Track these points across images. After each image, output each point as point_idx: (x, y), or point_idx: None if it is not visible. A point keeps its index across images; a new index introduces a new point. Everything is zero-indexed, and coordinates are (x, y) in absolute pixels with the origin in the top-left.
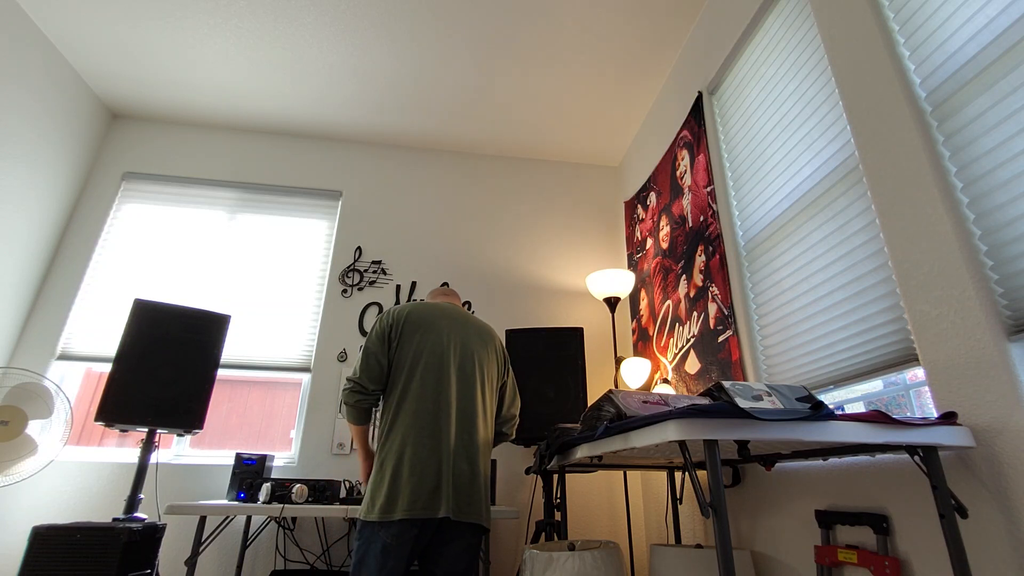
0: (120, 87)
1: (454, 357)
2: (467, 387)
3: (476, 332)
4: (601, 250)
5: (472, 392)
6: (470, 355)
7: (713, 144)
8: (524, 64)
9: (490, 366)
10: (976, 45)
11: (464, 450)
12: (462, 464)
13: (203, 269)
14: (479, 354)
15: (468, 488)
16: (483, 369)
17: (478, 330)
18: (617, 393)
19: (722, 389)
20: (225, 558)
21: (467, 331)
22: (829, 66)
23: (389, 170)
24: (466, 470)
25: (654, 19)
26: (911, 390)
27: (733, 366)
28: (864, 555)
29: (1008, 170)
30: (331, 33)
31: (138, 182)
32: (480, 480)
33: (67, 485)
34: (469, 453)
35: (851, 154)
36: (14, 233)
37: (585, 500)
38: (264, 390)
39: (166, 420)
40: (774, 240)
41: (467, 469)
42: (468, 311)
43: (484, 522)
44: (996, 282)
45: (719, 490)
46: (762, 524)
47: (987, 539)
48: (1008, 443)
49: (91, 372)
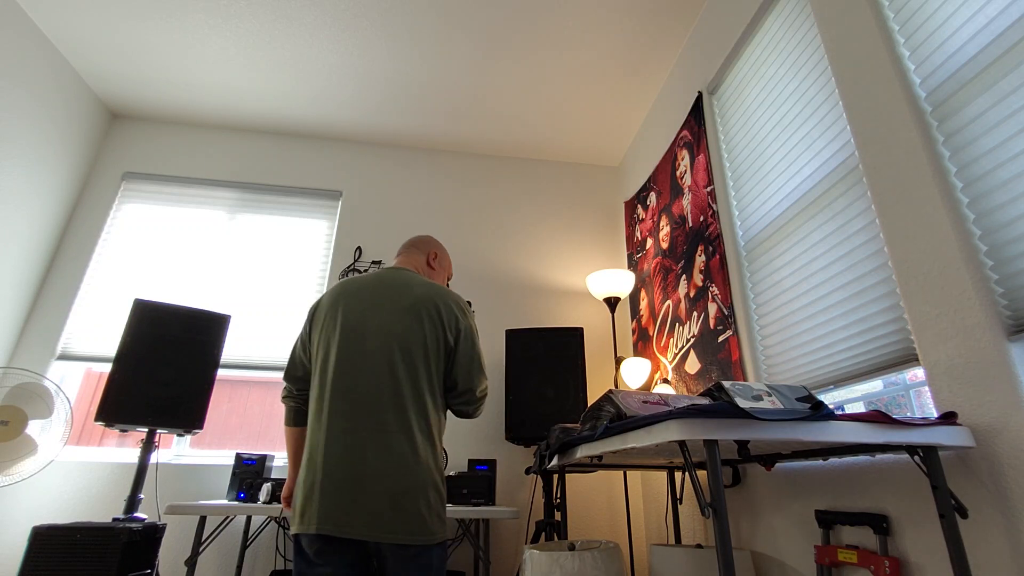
0: (120, 87)
1: (359, 338)
2: (370, 371)
3: (401, 300)
4: (601, 250)
5: (378, 375)
6: (382, 331)
7: (713, 144)
8: (524, 64)
9: (414, 336)
10: (976, 45)
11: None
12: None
13: (203, 269)
14: (397, 327)
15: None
16: (402, 343)
17: (410, 298)
18: (617, 393)
19: (722, 389)
20: (225, 558)
21: (386, 301)
22: (829, 66)
23: (389, 170)
24: (348, 472)
25: (654, 19)
26: (911, 390)
27: (733, 366)
28: (864, 555)
29: (1008, 170)
30: (331, 33)
31: (138, 182)
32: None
33: (67, 485)
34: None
35: (851, 154)
36: (14, 233)
37: (585, 500)
38: (264, 390)
39: (166, 420)
40: (774, 240)
41: (349, 471)
42: (410, 273)
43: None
44: (996, 282)
45: (719, 490)
46: (762, 524)
47: (987, 539)
48: (1008, 443)
49: (91, 372)
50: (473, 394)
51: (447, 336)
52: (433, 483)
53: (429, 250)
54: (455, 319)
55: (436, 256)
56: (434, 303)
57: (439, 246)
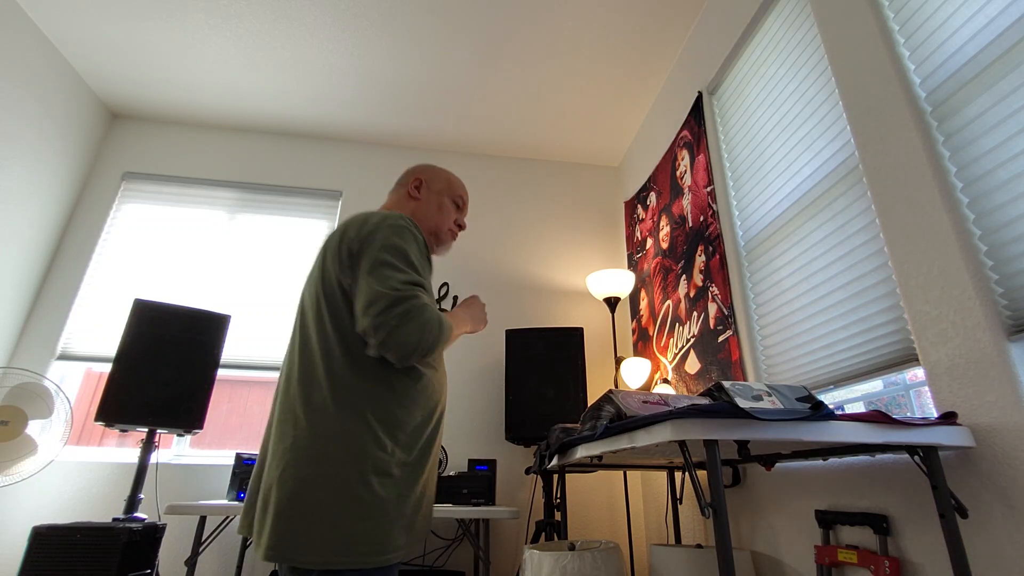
0: (120, 87)
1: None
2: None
3: (330, 245)
4: (601, 250)
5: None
6: (310, 285)
7: (713, 144)
8: (524, 64)
9: (323, 280)
10: (976, 45)
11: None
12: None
13: (203, 269)
14: (316, 275)
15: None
16: (317, 291)
17: (336, 240)
18: (617, 393)
19: (722, 389)
20: (225, 558)
21: (322, 255)
22: (829, 66)
23: (389, 170)
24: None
25: (654, 19)
26: (911, 390)
27: (733, 366)
28: (864, 555)
29: (1008, 170)
30: (331, 33)
31: (138, 182)
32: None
33: (67, 485)
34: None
35: (851, 154)
36: (14, 233)
37: (585, 500)
38: (264, 390)
39: (166, 420)
40: (774, 240)
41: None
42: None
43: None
44: (996, 282)
45: (719, 490)
46: (762, 524)
47: (987, 539)
48: (1008, 443)
49: (91, 372)
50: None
51: (345, 263)
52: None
53: (411, 180)
54: (353, 244)
55: (421, 183)
56: (345, 232)
57: (427, 170)
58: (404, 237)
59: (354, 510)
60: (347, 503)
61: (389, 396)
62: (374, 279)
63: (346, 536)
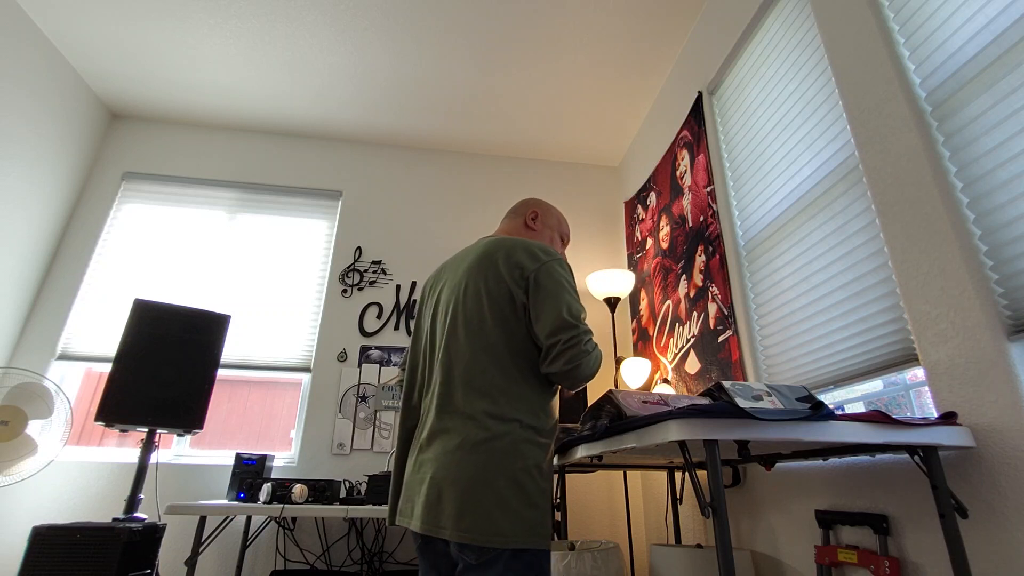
0: (120, 87)
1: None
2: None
3: (473, 261)
4: (601, 250)
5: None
6: (451, 298)
7: (713, 144)
8: (524, 64)
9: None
10: (976, 45)
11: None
12: (420, 454)
13: (203, 269)
14: (461, 289)
15: (414, 483)
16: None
17: (478, 257)
18: (617, 393)
19: (722, 389)
20: (225, 558)
21: (462, 269)
22: (829, 66)
23: (389, 170)
24: (422, 460)
25: (654, 19)
26: (911, 390)
27: (733, 366)
28: (864, 555)
29: (1008, 170)
30: (331, 33)
31: (138, 182)
32: (433, 467)
33: (67, 485)
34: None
35: (851, 154)
36: (14, 233)
37: (585, 500)
38: (264, 390)
39: (166, 420)
40: (774, 240)
41: (422, 459)
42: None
43: (437, 530)
44: (996, 282)
45: (719, 490)
46: (762, 524)
47: (987, 539)
48: (1008, 443)
49: (91, 372)
50: (561, 348)
51: (514, 284)
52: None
53: (528, 211)
54: (514, 268)
55: (537, 216)
56: (497, 254)
57: (540, 204)
58: (569, 272)
59: (523, 499)
60: (518, 494)
61: (539, 405)
62: (562, 305)
63: (523, 520)
